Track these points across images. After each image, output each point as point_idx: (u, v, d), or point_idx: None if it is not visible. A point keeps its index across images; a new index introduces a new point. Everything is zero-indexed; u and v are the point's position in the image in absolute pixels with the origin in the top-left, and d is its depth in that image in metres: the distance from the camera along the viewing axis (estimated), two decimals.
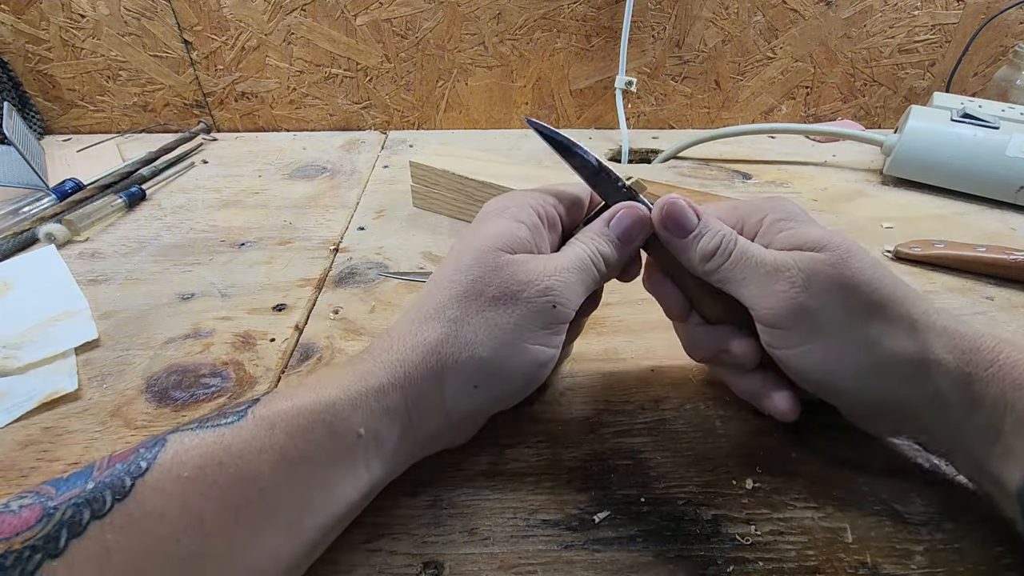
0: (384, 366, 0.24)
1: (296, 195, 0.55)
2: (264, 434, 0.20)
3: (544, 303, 0.24)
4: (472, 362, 0.24)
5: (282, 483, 0.20)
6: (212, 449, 0.19)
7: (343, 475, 0.22)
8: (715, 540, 0.25)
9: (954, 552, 0.25)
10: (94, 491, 0.17)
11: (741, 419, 0.31)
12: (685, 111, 0.71)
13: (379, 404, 0.23)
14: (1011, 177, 0.51)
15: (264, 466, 0.20)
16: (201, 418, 0.21)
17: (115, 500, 0.17)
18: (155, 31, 0.62)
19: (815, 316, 0.24)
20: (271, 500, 0.20)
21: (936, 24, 0.64)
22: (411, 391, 0.24)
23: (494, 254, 0.25)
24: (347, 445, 0.22)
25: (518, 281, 0.24)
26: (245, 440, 0.20)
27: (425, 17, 0.63)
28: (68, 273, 0.43)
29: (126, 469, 0.18)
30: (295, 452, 0.21)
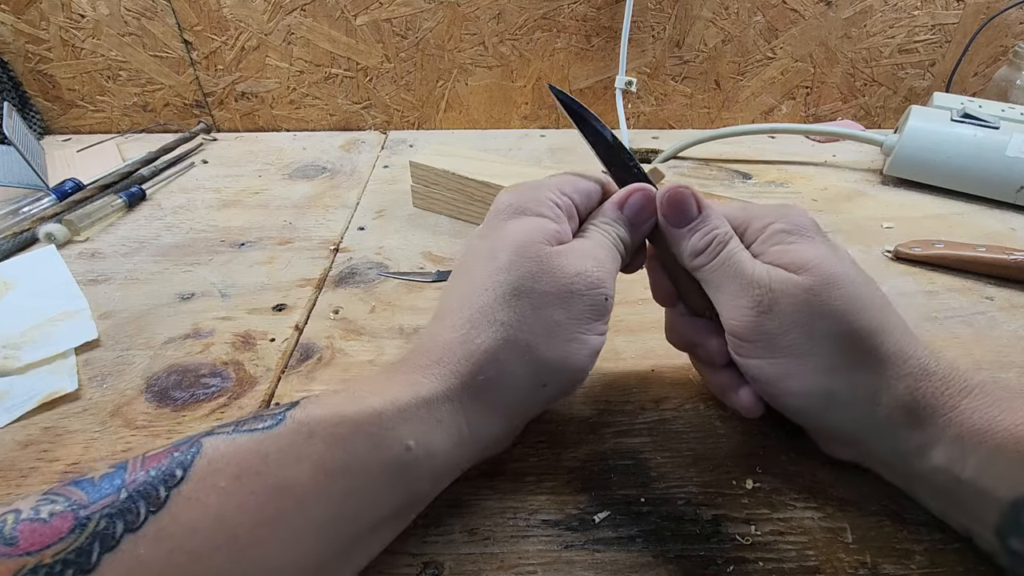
0: (436, 377, 0.22)
1: (296, 195, 0.55)
2: (302, 441, 0.20)
3: (597, 295, 0.24)
4: (535, 364, 0.23)
5: (320, 494, 0.19)
6: (249, 457, 0.19)
7: (384, 488, 0.21)
8: (715, 540, 0.25)
9: (954, 552, 0.25)
10: (128, 501, 0.17)
11: (741, 419, 0.31)
12: (685, 111, 0.71)
13: (431, 416, 0.22)
14: (1011, 177, 0.51)
15: (302, 476, 0.19)
16: (237, 421, 0.20)
17: (149, 512, 0.17)
18: (155, 31, 0.62)
19: (774, 337, 0.24)
20: (308, 511, 0.19)
21: (936, 24, 0.64)
22: (469, 403, 0.23)
23: (536, 247, 0.24)
24: (392, 457, 0.21)
25: (568, 274, 0.24)
26: (282, 448, 0.19)
27: (425, 17, 0.63)
28: (68, 273, 0.43)
29: (160, 477, 0.18)
30: (334, 463, 0.20)
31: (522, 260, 0.24)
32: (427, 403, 0.22)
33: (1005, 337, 0.37)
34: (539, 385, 0.24)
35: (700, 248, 0.26)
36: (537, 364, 0.23)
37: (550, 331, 0.23)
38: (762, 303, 0.24)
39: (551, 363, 0.24)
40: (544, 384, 0.24)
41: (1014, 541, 0.21)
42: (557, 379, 0.25)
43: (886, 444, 0.25)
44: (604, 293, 0.24)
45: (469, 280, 0.25)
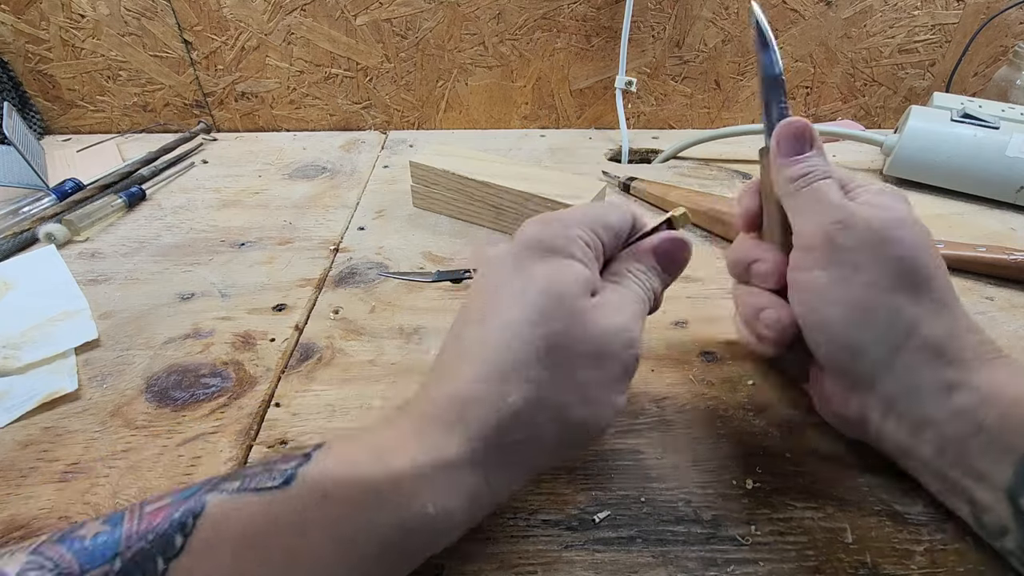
0: (459, 438, 0.21)
1: (296, 195, 0.55)
2: (316, 505, 0.18)
3: (630, 356, 0.23)
4: (564, 425, 0.22)
5: (333, 562, 0.18)
6: (257, 521, 0.18)
7: (399, 553, 0.20)
8: (715, 540, 0.25)
9: (954, 552, 0.25)
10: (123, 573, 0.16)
11: (741, 419, 0.31)
12: (685, 111, 0.71)
13: (451, 480, 0.20)
14: (1011, 177, 0.51)
15: (314, 543, 0.18)
16: (245, 474, 0.19)
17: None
18: (155, 31, 0.62)
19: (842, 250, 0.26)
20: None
21: (936, 24, 0.64)
22: (493, 465, 0.21)
23: (571, 301, 0.23)
24: (409, 523, 0.20)
25: (604, 333, 0.23)
26: (295, 511, 0.18)
27: (425, 17, 0.63)
28: (68, 273, 0.43)
29: (159, 545, 0.16)
30: (348, 530, 0.19)
31: (557, 313, 0.22)
32: (449, 467, 0.20)
33: (1005, 337, 0.37)
34: (563, 447, 0.23)
35: (797, 175, 0.28)
36: (566, 425, 0.22)
37: (584, 393, 0.22)
38: (842, 221, 0.26)
39: (580, 425, 0.23)
40: (568, 446, 0.24)
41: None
42: (581, 439, 0.24)
43: (906, 381, 0.25)
44: (636, 354, 0.24)
45: (497, 325, 0.22)
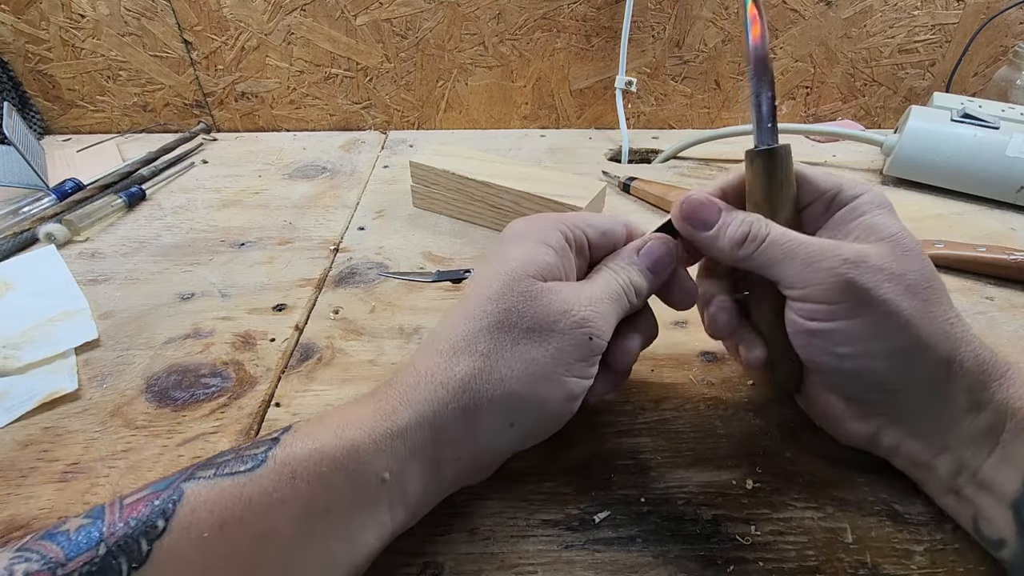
0: (410, 404, 0.22)
1: (296, 195, 0.55)
2: (286, 484, 0.19)
3: (581, 335, 0.24)
4: (507, 398, 0.23)
5: (304, 539, 0.19)
6: (232, 504, 0.18)
7: (365, 524, 0.21)
8: (715, 540, 0.25)
9: (954, 552, 0.25)
10: (108, 557, 0.16)
11: (741, 419, 0.31)
12: (685, 111, 0.71)
13: (404, 446, 0.22)
14: (1011, 177, 0.51)
15: (286, 521, 0.19)
16: (219, 461, 0.20)
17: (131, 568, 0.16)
18: (155, 31, 0.62)
19: (862, 292, 0.23)
20: (293, 558, 0.19)
21: (936, 24, 0.64)
22: (440, 432, 0.22)
23: (526, 282, 0.24)
24: (370, 493, 0.21)
25: (553, 312, 0.23)
26: (266, 491, 0.19)
27: (425, 17, 0.63)
28: (68, 273, 0.43)
29: (141, 529, 0.17)
30: (317, 505, 0.20)
31: (510, 292, 0.24)
32: (400, 433, 0.22)
33: (1005, 337, 0.37)
34: (507, 424, 0.23)
35: (739, 238, 0.25)
36: (510, 399, 0.23)
37: (527, 367, 0.23)
38: (848, 259, 0.24)
39: (525, 400, 0.23)
40: (512, 423, 0.23)
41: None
42: (527, 419, 0.24)
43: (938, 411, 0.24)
44: (589, 333, 0.24)
45: (463, 306, 0.24)
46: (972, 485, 0.24)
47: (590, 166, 0.61)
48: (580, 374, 0.24)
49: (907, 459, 0.26)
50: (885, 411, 0.26)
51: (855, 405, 0.27)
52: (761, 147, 0.26)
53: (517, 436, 0.24)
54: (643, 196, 0.54)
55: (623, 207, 0.53)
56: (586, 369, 0.25)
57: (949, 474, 0.25)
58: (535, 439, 0.26)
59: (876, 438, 0.27)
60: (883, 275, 0.23)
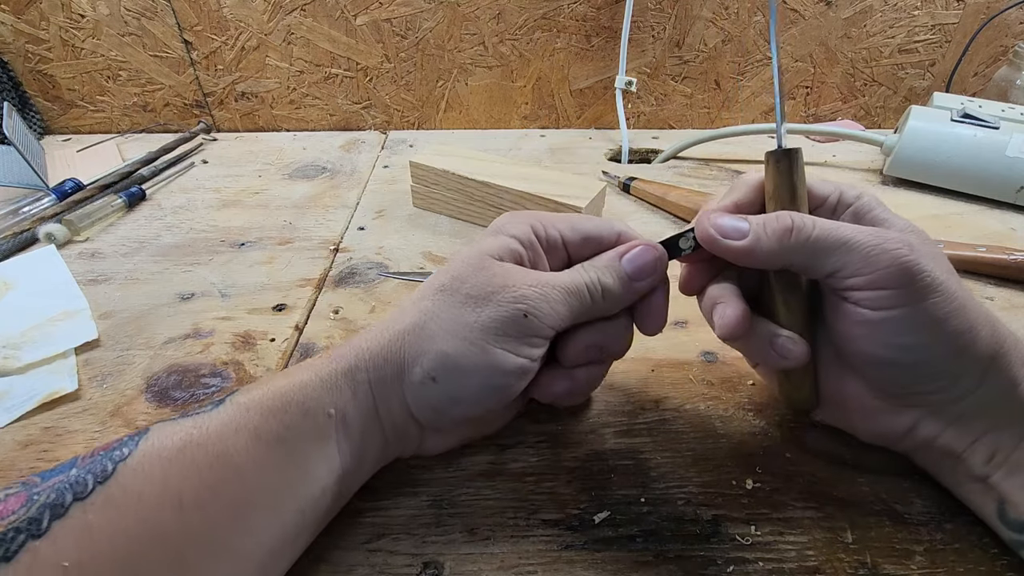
0: (355, 349, 0.25)
1: (296, 195, 0.55)
2: (240, 416, 0.21)
3: (514, 309, 0.24)
4: (430, 354, 0.24)
5: (258, 461, 0.21)
6: (191, 432, 0.20)
7: (317, 455, 0.23)
8: (715, 540, 0.25)
9: (954, 552, 0.25)
10: (77, 476, 0.18)
11: (741, 419, 0.31)
12: (685, 111, 0.71)
13: (347, 385, 0.24)
14: (1011, 177, 0.51)
15: (239, 444, 0.21)
16: (183, 411, 0.22)
17: (97, 483, 0.18)
18: (155, 31, 0.62)
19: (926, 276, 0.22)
20: (247, 479, 0.21)
21: (936, 24, 0.64)
22: (374, 374, 0.24)
23: (480, 258, 0.25)
24: (319, 425, 0.23)
25: (494, 284, 0.24)
26: (222, 421, 0.21)
27: (425, 17, 0.63)
28: (68, 273, 0.43)
29: (109, 456, 0.19)
30: (269, 432, 0.21)
31: (463, 264, 0.25)
32: (345, 373, 0.24)
33: None
34: (429, 377, 0.24)
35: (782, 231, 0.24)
36: (433, 355, 0.24)
37: (456, 330, 0.24)
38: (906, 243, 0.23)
39: (448, 359, 0.24)
40: (434, 378, 0.24)
41: None
42: (449, 379, 0.24)
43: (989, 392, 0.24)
44: (524, 310, 0.24)
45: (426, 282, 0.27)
46: (1003, 469, 0.24)
47: (590, 166, 0.61)
48: (511, 349, 0.24)
49: (940, 450, 0.25)
50: (930, 402, 0.25)
51: (894, 400, 0.26)
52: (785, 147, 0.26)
53: (440, 395, 0.24)
54: (643, 196, 0.54)
55: (623, 207, 0.53)
56: (519, 346, 0.24)
57: (983, 460, 0.24)
58: (464, 407, 0.25)
59: (913, 431, 0.26)
60: (932, 260, 0.23)
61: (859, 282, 0.24)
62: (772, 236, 0.24)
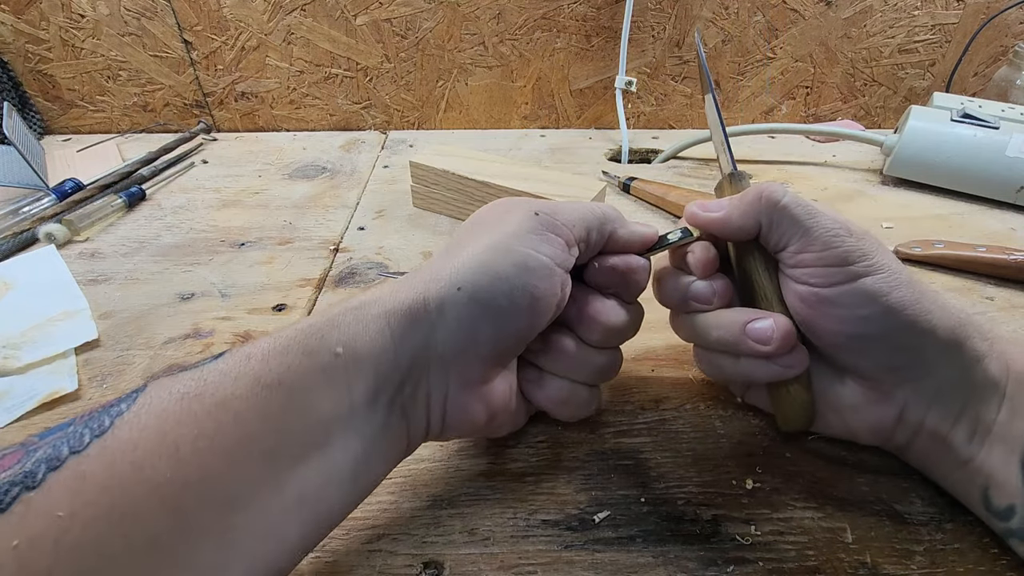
0: (372, 290, 0.24)
1: (296, 195, 0.55)
2: (240, 363, 0.20)
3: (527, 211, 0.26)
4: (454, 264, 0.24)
5: (257, 407, 0.20)
6: (188, 383, 0.20)
7: (320, 397, 0.21)
8: (715, 540, 0.25)
9: (954, 552, 0.25)
10: (74, 431, 0.18)
11: (741, 419, 0.31)
12: (685, 111, 0.71)
13: (357, 320, 0.22)
14: (1011, 177, 0.51)
15: (239, 391, 0.20)
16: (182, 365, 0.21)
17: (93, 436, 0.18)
18: (155, 31, 0.62)
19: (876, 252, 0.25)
20: (246, 426, 0.19)
21: (936, 24, 0.64)
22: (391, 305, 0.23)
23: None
24: (323, 364, 0.21)
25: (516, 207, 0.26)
26: (221, 371, 0.20)
27: (425, 17, 0.63)
28: (68, 273, 0.43)
29: (106, 411, 0.19)
30: (269, 376, 0.20)
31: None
32: (355, 309, 0.23)
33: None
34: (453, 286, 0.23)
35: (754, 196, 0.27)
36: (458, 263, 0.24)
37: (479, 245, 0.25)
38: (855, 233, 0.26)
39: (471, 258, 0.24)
40: (459, 287, 0.23)
41: None
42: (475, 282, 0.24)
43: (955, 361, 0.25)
44: (535, 209, 0.26)
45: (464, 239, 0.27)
46: (986, 446, 0.24)
47: (590, 166, 0.61)
48: (532, 246, 0.24)
49: (929, 434, 0.26)
50: (907, 379, 0.26)
51: (875, 386, 0.26)
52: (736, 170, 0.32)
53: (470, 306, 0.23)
54: (643, 196, 0.54)
55: (623, 207, 0.53)
56: (539, 243, 0.25)
57: (967, 437, 0.25)
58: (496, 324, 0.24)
59: (902, 419, 0.26)
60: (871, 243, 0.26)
61: (809, 258, 0.26)
62: (743, 202, 0.28)
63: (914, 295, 0.25)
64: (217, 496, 0.19)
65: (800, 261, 0.26)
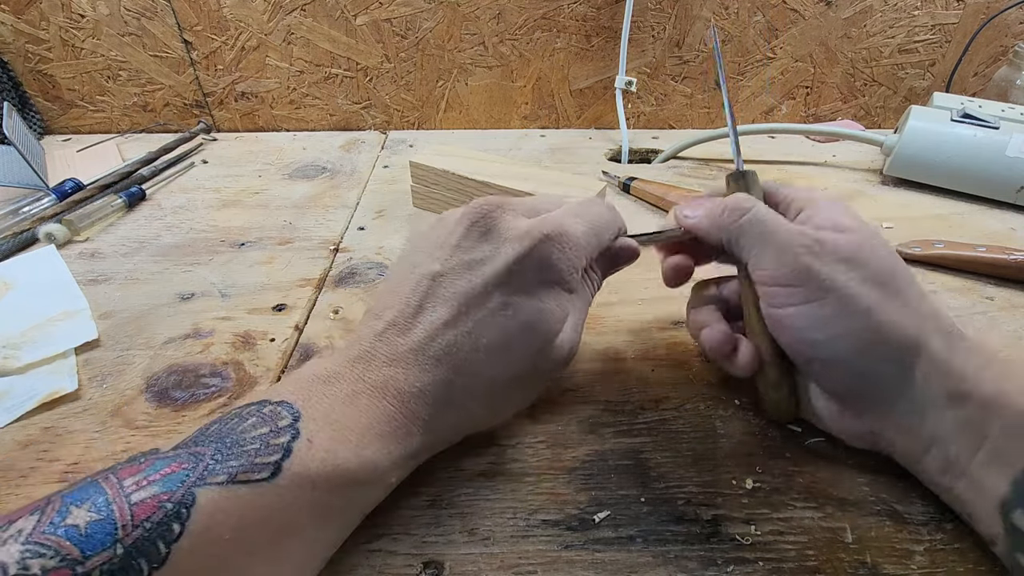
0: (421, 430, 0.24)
1: (296, 195, 0.55)
2: (306, 495, 0.20)
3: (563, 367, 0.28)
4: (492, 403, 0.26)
5: (323, 529, 0.22)
6: (251, 513, 0.19)
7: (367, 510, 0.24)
8: (715, 540, 0.25)
9: (954, 552, 0.25)
10: (127, 558, 0.16)
11: (741, 419, 0.31)
12: (685, 111, 0.71)
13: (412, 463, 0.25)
14: (1011, 177, 0.51)
15: (306, 520, 0.21)
16: (228, 468, 0.19)
17: (152, 568, 0.17)
18: (155, 31, 0.62)
19: (822, 278, 0.25)
20: (312, 544, 0.22)
21: (936, 24, 0.64)
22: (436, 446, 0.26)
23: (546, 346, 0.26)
24: (380, 493, 0.24)
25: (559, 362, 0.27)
26: (286, 501, 0.20)
27: (425, 17, 0.63)
28: (68, 273, 0.43)
29: (157, 532, 0.17)
30: (335, 507, 0.22)
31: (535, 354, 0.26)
32: (413, 456, 0.25)
33: (1005, 337, 0.37)
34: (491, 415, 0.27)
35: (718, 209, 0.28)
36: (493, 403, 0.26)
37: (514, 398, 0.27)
38: (811, 248, 0.25)
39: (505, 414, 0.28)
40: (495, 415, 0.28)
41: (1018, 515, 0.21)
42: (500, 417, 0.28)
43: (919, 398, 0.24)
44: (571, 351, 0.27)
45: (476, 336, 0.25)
46: (962, 482, 0.24)
47: (590, 166, 0.61)
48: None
49: (903, 456, 0.26)
50: (871, 405, 0.26)
51: (847, 403, 0.27)
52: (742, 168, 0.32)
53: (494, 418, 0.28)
54: (643, 196, 0.54)
55: (623, 207, 0.53)
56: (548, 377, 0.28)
57: (939, 470, 0.25)
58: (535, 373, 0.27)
59: (874, 435, 0.27)
60: (842, 264, 0.25)
61: (765, 276, 0.26)
62: (712, 212, 0.29)
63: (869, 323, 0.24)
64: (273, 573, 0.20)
65: (758, 278, 0.27)
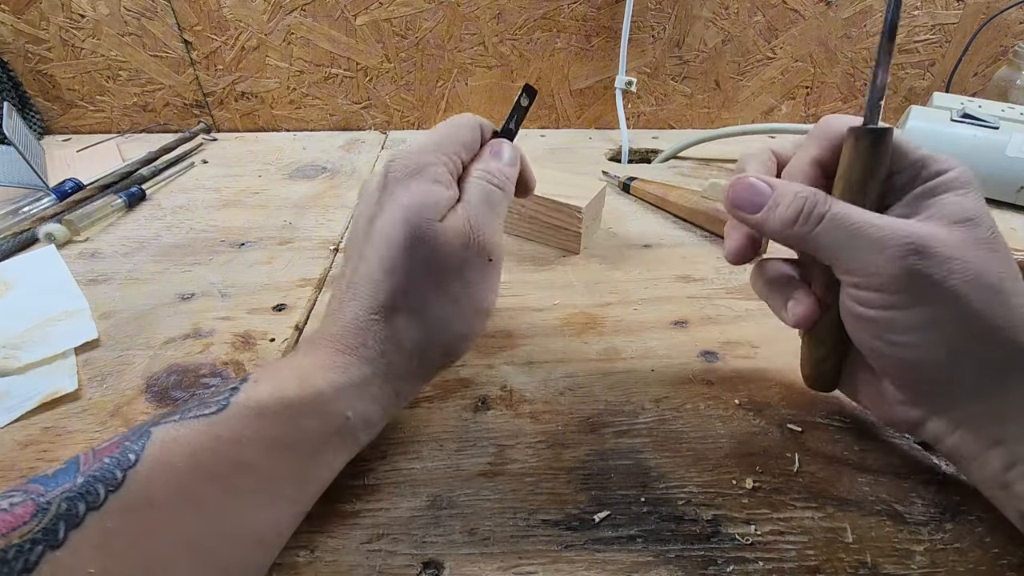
0: (363, 361, 0.25)
1: (296, 195, 0.55)
2: (253, 423, 0.21)
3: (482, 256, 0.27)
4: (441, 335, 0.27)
5: (278, 466, 0.22)
6: (201, 439, 0.20)
7: (334, 450, 0.24)
8: (715, 540, 0.25)
9: (954, 552, 0.25)
10: (85, 485, 0.18)
11: (741, 419, 0.31)
12: (685, 111, 0.71)
13: (364, 393, 0.25)
14: (1011, 177, 0.51)
15: (258, 453, 0.21)
16: (181, 409, 0.21)
17: (108, 491, 0.18)
18: (155, 31, 0.62)
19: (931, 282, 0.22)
20: (270, 482, 0.21)
21: (936, 24, 0.64)
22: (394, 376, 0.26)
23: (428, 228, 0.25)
24: (336, 426, 0.24)
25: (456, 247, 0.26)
26: (235, 429, 0.21)
27: (425, 17, 0.63)
28: (68, 273, 0.43)
29: (115, 463, 0.18)
30: (287, 439, 0.22)
31: (418, 243, 0.25)
32: (358, 384, 0.24)
33: None
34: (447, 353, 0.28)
35: (791, 217, 0.24)
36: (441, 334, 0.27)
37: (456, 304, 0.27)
38: (915, 248, 0.22)
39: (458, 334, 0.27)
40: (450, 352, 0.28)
41: None
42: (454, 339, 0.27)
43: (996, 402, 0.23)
44: (489, 254, 0.27)
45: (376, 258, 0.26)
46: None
47: (590, 166, 0.61)
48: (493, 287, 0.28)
49: (953, 451, 0.25)
50: (937, 402, 0.25)
51: (906, 391, 0.25)
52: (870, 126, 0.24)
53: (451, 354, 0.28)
54: (643, 196, 0.54)
55: (623, 207, 0.53)
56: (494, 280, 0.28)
57: (1002, 467, 0.23)
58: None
59: (923, 426, 0.25)
60: (953, 263, 0.22)
61: (853, 280, 0.24)
62: (778, 220, 0.25)
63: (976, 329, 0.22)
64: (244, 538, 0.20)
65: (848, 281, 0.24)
